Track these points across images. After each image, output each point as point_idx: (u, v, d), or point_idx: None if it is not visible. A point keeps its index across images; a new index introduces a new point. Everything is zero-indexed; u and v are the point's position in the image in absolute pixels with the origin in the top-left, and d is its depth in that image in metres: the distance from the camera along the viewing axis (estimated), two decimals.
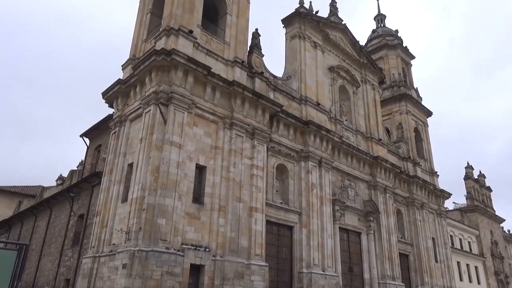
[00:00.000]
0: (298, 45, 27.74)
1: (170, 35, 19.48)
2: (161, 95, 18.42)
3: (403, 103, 39.02)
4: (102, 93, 22.40)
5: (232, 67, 21.91)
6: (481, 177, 58.98)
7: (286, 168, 24.11)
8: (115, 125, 21.54)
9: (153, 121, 18.24)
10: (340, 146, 27.73)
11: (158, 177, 17.25)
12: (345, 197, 27.30)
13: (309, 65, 27.82)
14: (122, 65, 22.97)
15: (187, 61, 18.84)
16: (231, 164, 20.11)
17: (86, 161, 29.95)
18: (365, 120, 32.07)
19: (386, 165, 31.17)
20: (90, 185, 24.39)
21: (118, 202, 19.20)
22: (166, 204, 16.96)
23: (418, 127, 39.90)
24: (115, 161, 20.43)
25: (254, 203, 20.50)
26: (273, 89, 24.60)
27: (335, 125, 28.45)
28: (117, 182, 19.69)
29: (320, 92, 27.91)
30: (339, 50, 31.43)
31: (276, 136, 23.74)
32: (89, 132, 29.12)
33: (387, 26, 47.32)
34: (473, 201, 54.82)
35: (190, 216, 17.96)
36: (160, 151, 17.73)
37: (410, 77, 43.19)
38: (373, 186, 30.13)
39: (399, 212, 33.12)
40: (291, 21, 28.37)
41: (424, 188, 36.03)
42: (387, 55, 42.08)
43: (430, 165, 39.41)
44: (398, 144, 35.71)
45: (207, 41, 21.47)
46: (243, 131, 21.17)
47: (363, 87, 33.02)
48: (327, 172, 25.82)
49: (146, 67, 19.03)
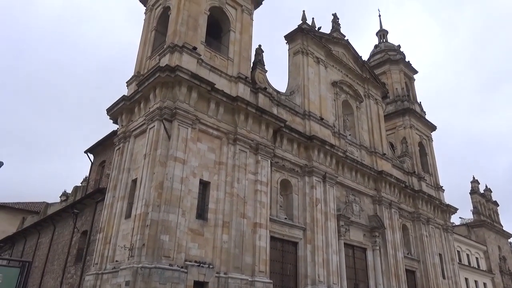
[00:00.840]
0: (301, 60, 27.94)
1: (174, 52, 19.70)
2: (165, 111, 18.53)
3: (407, 117, 38.98)
4: (107, 109, 22.57)
5: (236, 83, 22.05)
6: (488, 192, 58.41)
7: (290, 183, 24.00)
8: (120, 141, 21.63)
9: (157, 136, 18.30)
10: (344, 161, 27.63)
11: (162, 193, 17.21)
12: (350, 213, 27.05)
13: (312, 80, 27.95)
14: (127, 82, 23.21)
15: (191, 77, 19.00)
16: (235, 180, 20.05)
17: (90, 177, 30.01)
18: (369, 134, 32.01)
19: (390, 180, 30.96)
20: (93, 201, 24.35)
21: (121, 218, 19.12)
22: (170, 220, 16.87)
23: (422, 142, 39.75)
24: (119, 177, 20.43)
25: (258, 219, 20.35)
26: (276, 105, 24.69)
27: (339, 140, 28.41)
28: (121, 198, 19.65)
29: (323, 107, 27.98)
30: (342, 65, 31.61)
31: (280, 151, 23.71)
32: (94, 148, 29.25)
33: (389, 42, 47.63)
34: (480, 216, 54.17)
35: (193, 232, 17.84)
36: (164, 167, 17.73)
37: (413, 91, 43.26)
38: (378, 201, 29.88)
39: (405, 227, 32.74)
40: (294, 37, 28.66)
41: (429, 203, 35.68)
42: (390, 70, 42.23)
43: (435, 179, 39.11)
44: (402, 158, 35.53)
45: (211, 58, 21.69)
46: (246, 146, 21.17)
47: (367, 102, 33.07)
48: (331, 187, 25.67)
49: (151, 84, 19.19)
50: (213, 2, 22.97)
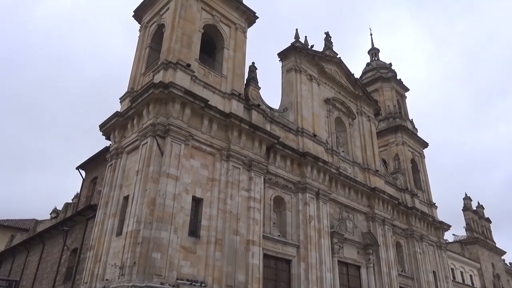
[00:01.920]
0: (294, 78, 28.22)
1: (168, 68, 19.82)
2: (158, 127, 18.51)
3: (399, 134, 39.31)
4: (99, 125, 22.49)
5: (229, 100, 22.16)
6: (480, 208, 58.63)
7: (283, 200, 23.91)
8: (112, 157, 21.48)
9: (150, 153, 18.22)
10: (337, 177, 27.66)
11: (154, 209, 17.03)
12: (343, 229, 26.94)
13: (305, 97, 28.19)
14: (120, 98, 23.20)
15: (184, 94, 19.06)
16: (228, 196, 19.94)
17: (81, 193, 29.63)
18: (361, 151, 32.16)
19: (384, 197, 30.99)
20: (84, 218, 24.00)
21: (112, 236, 18.82)
22: (162, 237, 16.66)
23: (414, 158, 40.01)
24: (110, 194, 20.21)
25: (251, 236, 20.17)
26: (269, 121, 24.80)
27: (332, 157, 28.50)
28: (112, 215, 19.40)
29: (316, 123, 28.15)
30: (335, 83, 31.96)
31: (273, 168, 23.70)
32: (85, 164, 28.97)
33: (381, 60, 48.41)
34: (473, 233, 54.23)
35: (186, 250, 17.60)
36: (157, 184, 17.60)
37: (405, 108, 43.77)
38: (372, 218, 29.82)
39: (399, 244, 32.62)
40: (287, 55, 29.01)
41: (423, 219, 35.68)
42: (382, 87, 42.80)
43: (428, 196, 39.22)
44: (395, 175, 35.66)
45: (205, 75, 21.83)
46: (240, 163, 21.14)
47: (359, 119, 33.34)
48: (324, 204, 25.60)
49: (144, 100, 19.21)
50: (207, 20, 23.26)
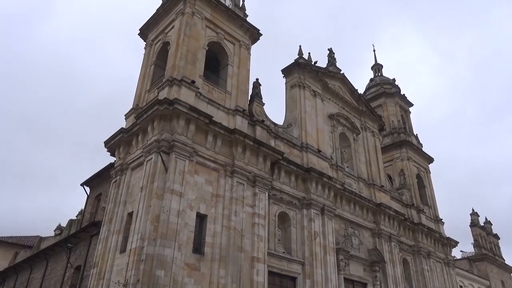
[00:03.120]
0: (298, 93, 28.35)
1: (173, 85, 20.00)
2: (163, 143, 18.57)
3: (404, 149, 39.16)
4: (104, 141, 22.61)
5: (234, 116, 22.25)
6: (488, 224, 57.76)
7: (288, 216, 23.72)
8: (116, 174, 21.51)
9: (154, 169, 18.23)
10: (342, 193, 27.47)
11: (158, 226, 16.94)
12: (349, 246, 26.60)
13: (309, 113, 28.25)
14: (125, 115, 23.38)
15: (189, 110, 19.18)
16: (232, 213, 19.83)
17: (85, 210, 29.57)
18: (366, 166, 32.01)
19: (389, 212, 30.68)
20: (88, 235, 23.89)
21: (116, 253, 18.70)
22: (166, 254, 16.52)
23: (420, 174, 39.72)
24: (115, 210, 20.17)
25: (256, 253, 19.96)
26: (274, 137, 24.82)
27: (337, 172, 28.36)
28: (116, 232, 19.31)
29: (320, 139, 28.12)
30: (338, 98, 32.05)
31: (278, 184, 23.60)
32: (90, 180, 29.00)
33: (384, 75, 48.59)
34: (481, 249, 53.31)
35: (189, 267, 17.42)
36: (161, 200, 17.55)
37: (409, 124, 43.71)
38: (378, 234, 29.46)
39: (406, 261, 32.11)
40: (290, 71, 29.21)
41: (430, 236, 35.20)
42: (385, 103, 42.85)
43: (434, 212, 38.78)
44: (401, 190, 35.38)
45: (209, 91, 22.00)
46: (244, 178, 21.08)
47: (363, 134, 33.30)
48: (330, 220, 25.37)
49: (149, 116, 19.33)
50: (212, 38, 23.56)
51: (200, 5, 23.11)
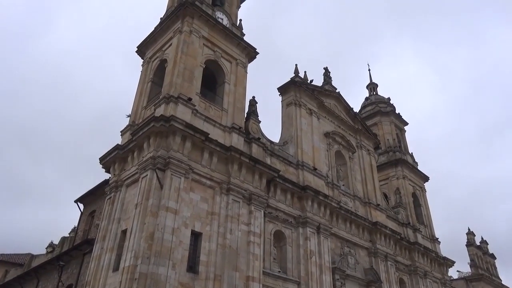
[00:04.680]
0: (294, 112, 28.52)
1: (170, 102, 20.07)
2: (159, 160, 18.51)
3: (399, 168, 39.24)
4: (100, 158, 22.49)
5: (230, 133, 22.30)
6: (484, 244, 57.52)
7: (283, 234, 23.53)
8: (111, 190, 21.34)
9: (149, 186, 18.12)
10: (338, 211, 27.36)
11: (152, 244, 16.72)
12: (345, 265, 26.34)
13: (305, 131, 28.37)
14: (121, 131, 23.36)
15: (185, 127, 19.20)
16: (228, 231, 19.64)
17: (79, 227, 29.21)
18: (362, 185, 31.99)
19: (385, 231, 30.52)
20: (81, 253, 23.53)
21: (109, 271, 18.37)
22: (159, 273, 16.26)
23: (415, 192, 39.71)
24: (108, 228, 19.92)
25: (251, 272, 19.69)
26: (270, 154, 24.83)
27: (333, 190, 28.31)
28: (110, 249, 19.02)
29: (316, 157, 28.17)
30: (334, 117, 32.27)
31: (274, 201, 23.48)
32: (84, 197, 28.75)
33: (379, 94, 49.12)
34: (478, 269, 52.94)
35: (184, 286, 17.12)
36: (156, 217, 17.38)
37: (404, 142, 43.94)
38: (374, 253, 29.24)
39: (402, 281, 31.78)
40: (286, 89, 29.46)
41: (426, 255, 34.97)
42: (381, 122, 43.16)
43: (430, 231, 38.62)
44: (396, 209, 35.28)
45: (206, 108, 22.09)
46: (240, 196, 20.98)
47: (359, 152, 33.40)
48: (325, 238, 25.18)
49: (145, 133, 19.32)
50: (209, 56, 23.80)
51: (198, 24, 23.42)
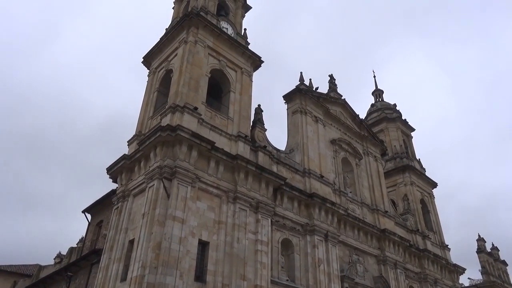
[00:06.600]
0: (300, 119, 28.52)
1: (176, 111, 20.18)
2: (165, 169, 18.56)
3: (407, 174, 38.95)
4: (107, 168, 22.62)
5: (236, 142, 22.33)
6: (494, 250, 56.59)
7: (291, 242, 23.38)
8: (118, 200, 21.41)
9: (156, 195, 18.15)
10: (346, 218, 27.16)
11: (160, 254, 16.70)
12: (354, 273, 26.06)
13: (311, 138, 28.32)
14: (128, 141, 23.50)
15: (191, 136, 19.27)
16: (235, 240, 19.57)
17: (86, 238, 29.26)
18: (369, 192, 31.78)
19: (394, 238, 30.21)
20: (89, 263, 23.55)
21: (116, 282, 18.35)
22: (167, 283, 16.21)
23: (424, 199, 39.35)
24: (116, 238, 19.95)
25: (259, 281, 19.56)
26: (276, 162, 24.79)
27: (340, 198, 28.14)
28: (117, 259, 19.03)
29: (323, 164, 28.07)
30: (340, 124, 32.20)
31: (281, 210, 23.38)
32: (91, 207, 28.83)
33: (385, 100, 49.00)
34: (489, 276, 52.04)
35: None
36: (163, 227, 17.38)
37: (411, 148, 43.67)
38: (383, 261, 28.92)
39: None
40: (292, 97, 29.50)
41: (436, 262, 34.51)
42: (387, 128, 42.99)
43: (440, 237, 38.17)
44: (405, 216, 34.94)
45: (211, 117, 22.17)
46: (247, 205, 20.92)
47: (366, 159, 33.23)
48: (333, 246, 24.98)
49: (152, 142, 19.41)
50: (214, 65, 23.95)
51: (203, 34, 23.62)
